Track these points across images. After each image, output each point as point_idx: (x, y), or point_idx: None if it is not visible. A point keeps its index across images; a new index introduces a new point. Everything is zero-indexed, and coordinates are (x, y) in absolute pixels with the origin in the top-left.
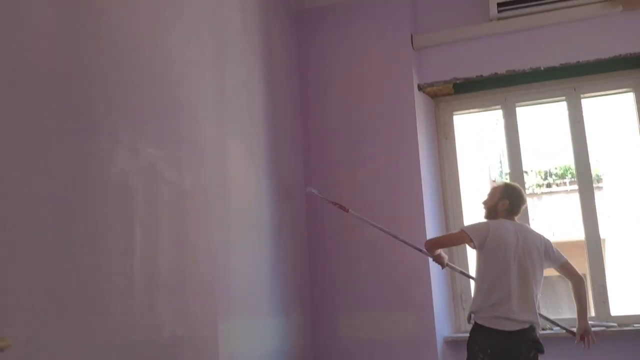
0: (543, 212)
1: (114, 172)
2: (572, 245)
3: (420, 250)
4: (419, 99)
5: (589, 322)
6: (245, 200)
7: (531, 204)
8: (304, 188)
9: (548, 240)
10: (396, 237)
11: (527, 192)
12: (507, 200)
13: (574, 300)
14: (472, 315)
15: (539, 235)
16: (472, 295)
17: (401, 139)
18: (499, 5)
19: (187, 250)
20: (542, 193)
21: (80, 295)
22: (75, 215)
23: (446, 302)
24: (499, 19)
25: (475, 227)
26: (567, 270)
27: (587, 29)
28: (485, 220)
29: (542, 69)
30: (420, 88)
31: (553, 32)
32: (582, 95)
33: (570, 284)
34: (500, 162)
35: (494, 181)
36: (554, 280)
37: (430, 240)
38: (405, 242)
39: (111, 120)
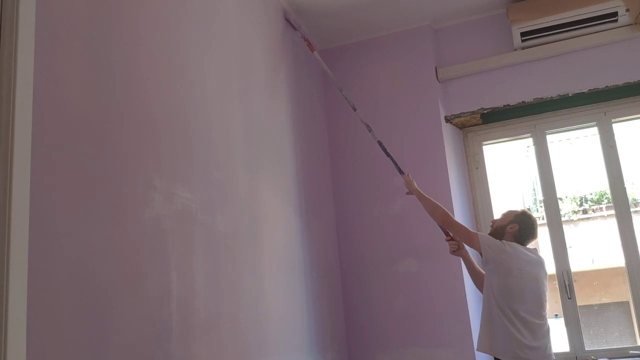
0: (580, 239)
1: (149, 217)
2: (612, 272)
3: (400, 170)
4: (447, 130)
5: (635, 351)
6: (277, 240)
7: (567, 231)
8: (335, 228)
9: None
10: (370, 131)
11: (563, 219)
12: (517, 225)
13: None
14: None
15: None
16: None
17: (431, 171)
18: (522, 34)
19: (222, 292)
20: (579, 219)
21: (119, 340)
22: (113, 261)
23: None
24: (524, 47)
25: (490, 240)
26: None
27: (614, 53)
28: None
29: (571, 95)
30: (447, 120)
31: (579, 58)
32: (613, 120)
33: None
34: (534, 189)
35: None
36: (598, 309)
37: (447, 216)
38: (386, 152)
39: (146, 165)
